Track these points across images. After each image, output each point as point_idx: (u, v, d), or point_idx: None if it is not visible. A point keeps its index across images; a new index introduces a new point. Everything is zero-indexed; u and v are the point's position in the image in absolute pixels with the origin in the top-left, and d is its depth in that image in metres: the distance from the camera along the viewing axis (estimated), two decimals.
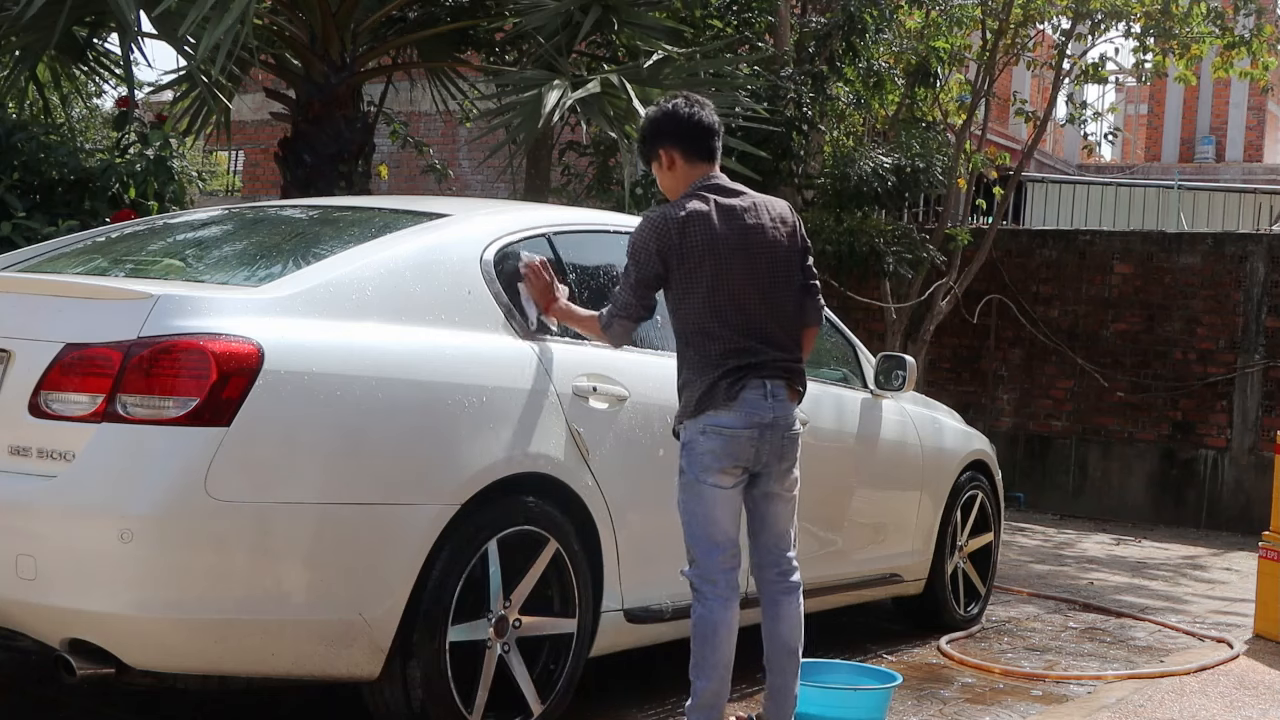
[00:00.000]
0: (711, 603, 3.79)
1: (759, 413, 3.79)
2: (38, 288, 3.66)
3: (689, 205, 3.84)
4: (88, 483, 3.23)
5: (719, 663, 3.77)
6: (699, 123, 3.92)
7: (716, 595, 3.79)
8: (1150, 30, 11.99)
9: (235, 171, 20.84)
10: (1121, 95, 22.08)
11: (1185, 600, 7.64)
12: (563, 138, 10.67)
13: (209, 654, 3.33)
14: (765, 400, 3.80)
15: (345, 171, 7.59)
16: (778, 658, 3.92)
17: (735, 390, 3.78)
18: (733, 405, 3.78)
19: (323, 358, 3.46)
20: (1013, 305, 12.10)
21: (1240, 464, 11.28)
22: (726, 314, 3.81)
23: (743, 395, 3.78)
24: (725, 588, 3.80)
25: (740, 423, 3.78)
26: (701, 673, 3.78)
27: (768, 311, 3.86)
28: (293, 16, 7.65)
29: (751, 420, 3.78)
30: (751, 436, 3.79)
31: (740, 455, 3.80)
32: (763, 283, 3.86)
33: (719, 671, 3.78)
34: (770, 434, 3.82)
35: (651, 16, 7.72)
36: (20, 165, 6.28)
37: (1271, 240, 11.44)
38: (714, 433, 3.78)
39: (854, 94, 10.72)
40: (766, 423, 3.80)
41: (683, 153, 3.92)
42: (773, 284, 3.89)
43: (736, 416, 3.78)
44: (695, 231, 3.80)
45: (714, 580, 3.80)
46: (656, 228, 3.83)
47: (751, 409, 3.79)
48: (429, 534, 3.58)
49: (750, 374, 3.80)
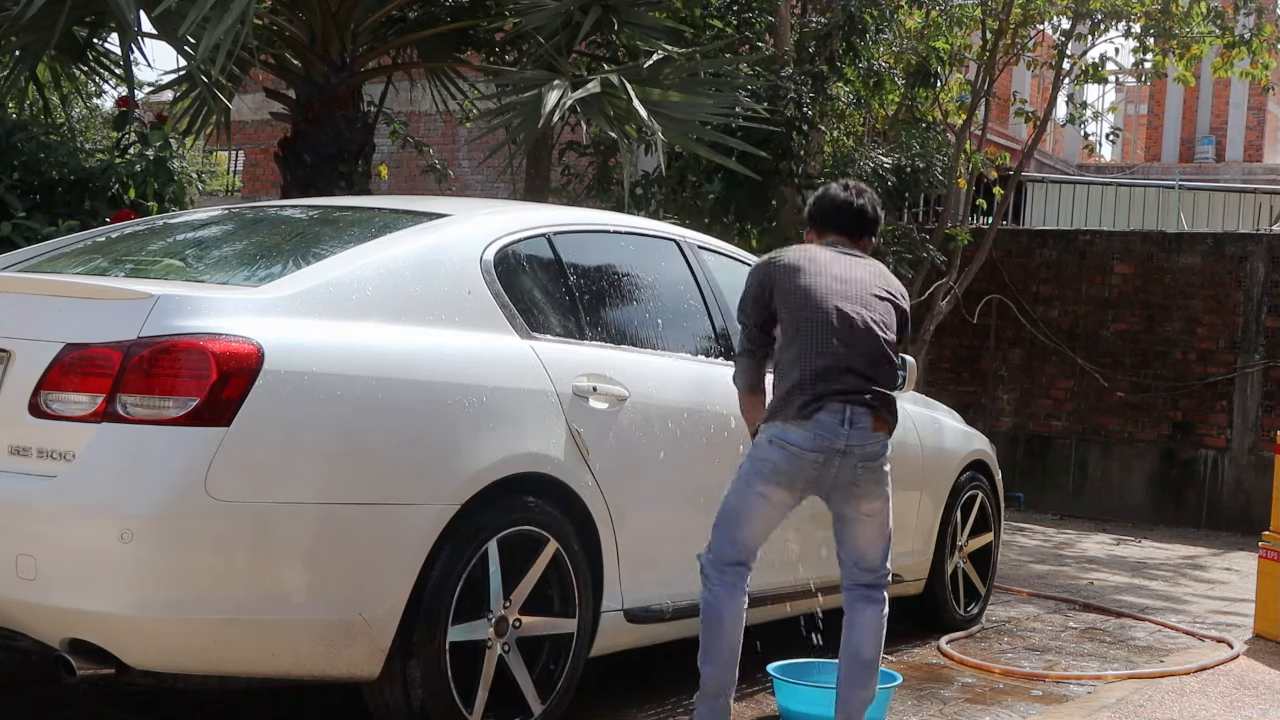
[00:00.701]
0: (718, 589, 3.86)
1: (830, 437, 3.79)
2: (38, 288, 3.66)
3: (799, 248, 4.08)
4: (88, 483, 3.23)
5: (724, 648, 3.82)
6: (859, 211, 4.21)
7: (724, 582, 3.86)
8: (1150, 30, 11.99)
9: (235, 171, 20.84)
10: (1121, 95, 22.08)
11: (1185, 600, 7.64)
12: (563, 138, 10.66)
13: (209, 654, 3.33)
14: (841, 426, 3.79)
15: (345, 171, 7.59)
16: (848, 667, 3.96)
17: (810, 410, 3.79)
18: (804, 424, 3.80)
19: (323, 358, 3.46)
20: (1013, 305, 12.11)
21: (1240, 464, 11.28)
22: (817, 344, 3.85)
23: (817, 416, 3.79)
24: (733, 575, 3.87)
25: (808, 444, 3.80)
26: (708, 658, 3.84)
27: (857, 351, 3.87)
28: (293, 16, 7.64)
29: (821, 444, 3.80)
30: (816, 460, 3.80)
31: (798, 475, 3.83)
32: (854, 325, 3.88)
33: (724, 657, 3.82)
34: (842, 461, 3.81)
35: (651, 16, 7.72)
36: (20, 165, 6.28)
37: (1271, 240, 11.44)
38: (779, 445, 3.83)
39: (854, 94, 10.71)
40: (838, 448, 3.80)
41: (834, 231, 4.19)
42: (864, 331, 3.89)
43: (806, 436, 3.80)
44: (794, 262, 3.97)
45: (722, 569, 3.87)
46: (762, 266, 4.06)
47: (823, 432, 3.79)
48: (429, 534, 3.58)
49: (830, 397, 3.80)
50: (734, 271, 5.27)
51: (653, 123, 6.74)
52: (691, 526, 4.58)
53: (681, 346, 4.70)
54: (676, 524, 4.51)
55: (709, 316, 4.90)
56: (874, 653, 3.98)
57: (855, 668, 3.95)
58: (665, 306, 4.83)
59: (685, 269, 4.93)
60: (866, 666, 3.96)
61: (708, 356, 4.80)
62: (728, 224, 9.76)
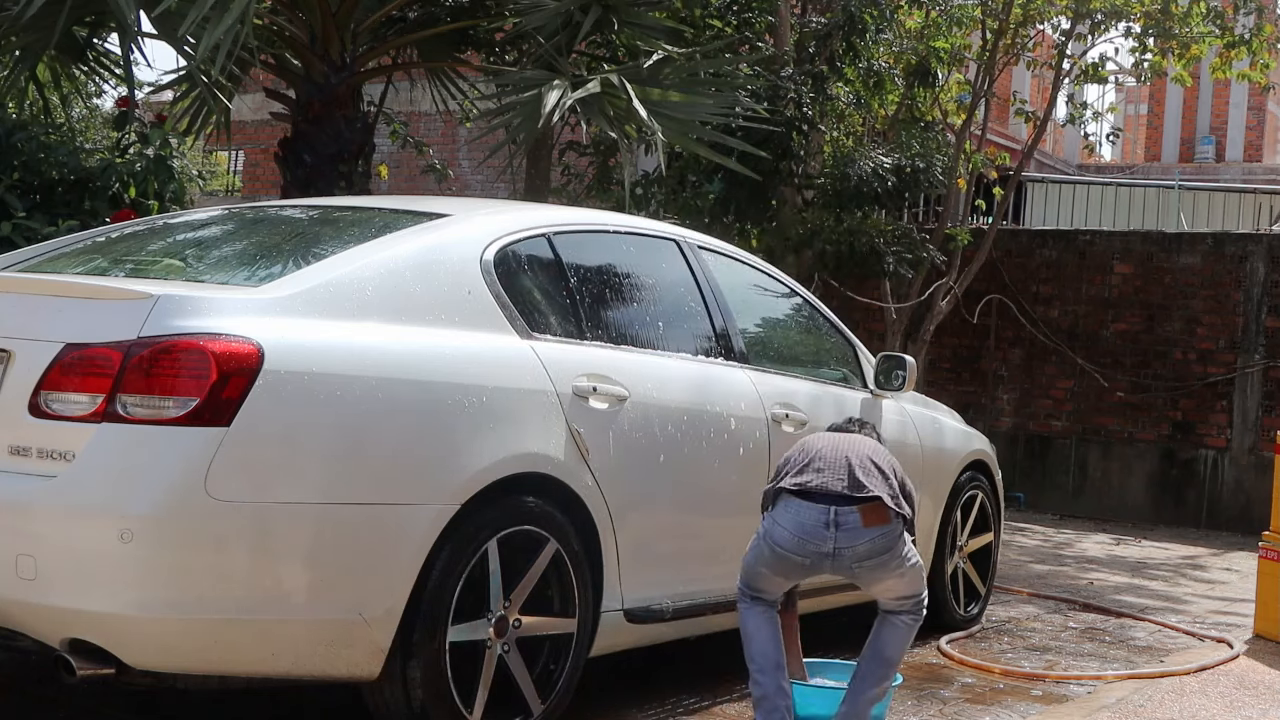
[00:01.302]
0: (743, 608, 4.07)
1: (815, 540, 3.87)
2: (38, 288, 3.65)
3: None
4: (88, 483, 3.22)
5: (757, 654, 4.00)
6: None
7: (745, 597, 4.07)
8: (1150, 30, 11.99)
9: (235, 171, 20.83)
10: (1121, 95, 22.07)
11: (1185, 600, 7.64)
12: (563, 138, 10.66)
13: (209, 654, 3.33)
14: (827, 530, 3.85)
15: (345, 171, 7.59)
16: (867, 662, 4.06)
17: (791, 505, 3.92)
18: (785, 520, 3.90)
19: (323, 358, 3.46)
20: (1013, 305, 12.11)
21: (1240, 464, 11.28)
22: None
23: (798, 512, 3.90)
24: (754, 600, 4.07)
25: (791, 546, 3.91)
26: (750, 664, 4.02)
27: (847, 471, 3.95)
28: (293, 16, 7.64)
29: (805, 547, 3.89)
30: (803, 563, 3.93)
31: (792, 570, 3.98)
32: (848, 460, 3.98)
33: (758, 663, 3.99)
34: (830, 562, 3.90)
35: (651, 16, 7.72)
36: (20, 165, 6.28)
37: (1271, 240, 11.44)
38: (767, 542, 3.97)
39: (854, 94, 10.71)
40: (825, 551, 3.87)
41: None
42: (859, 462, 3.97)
43: (788, 536, 3.90)
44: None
45: (742, 589, 4.07)
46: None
47: (805, 533, 3.88)
48: (429, 534, 3.58)
49: (813, 490, 3.90)
50: (734, 271, 5.27)
51: (653, 123, 6.74)
52: (691, 526, 4.60)
53: (682, 347, 4.70)
54: (676, 524, 4.51)
55: (709, 317, 4.90)
56: (895, 654, 4.06)
57: (875, 664, 4.04)
58: (665, 306, 4.82)
59: (685, 269, 4.93)
60: (886, 664, 4.05)
61: (708, 356, 4.80)
62: (728, 224, 9.77)
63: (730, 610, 4.67)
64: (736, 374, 4.86)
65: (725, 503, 4.65)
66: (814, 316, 5.68)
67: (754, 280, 5.43)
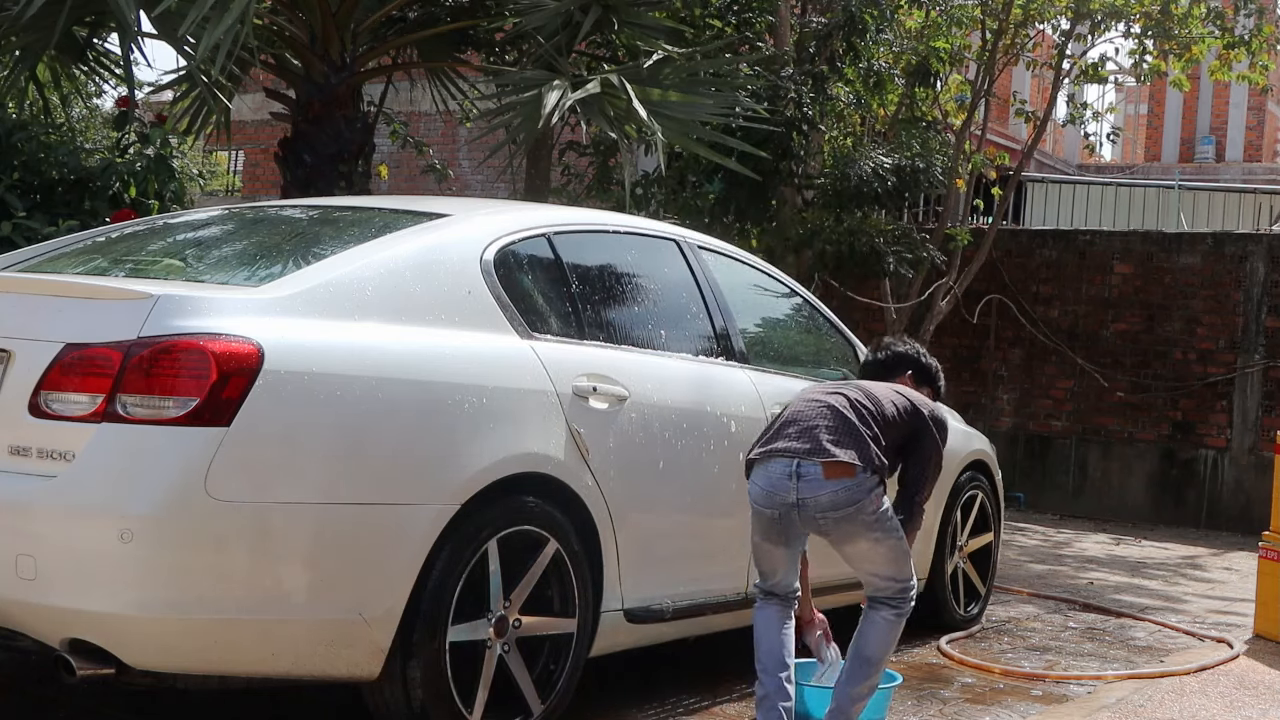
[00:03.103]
0: (756, 607, 4.09)
1: (780, 491, 3.90)
2: (38, 288, 3.65)
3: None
4: (88, 483, 3.22)
5: (763, 654, 4.00)
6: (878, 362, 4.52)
7: (759, 596, 4.09)
8: (1150, 31, 11.99)
9: (235, 171, 20.83)
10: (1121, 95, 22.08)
11: (1185, 600, 7.64)
12: (563, 138, 10.66)
13: (209, 654, 3.33)
14: (789, 481, 3.88)
15: (345, 171, 7.59)
16: (851, 660, 4.07)
17: (756, 459, 3.98)
18: (757, 478, 3.96)
19: (323, 358, 3.46)
20: (1013, 305, 12.10)
21: (1240, 464, 11.28)
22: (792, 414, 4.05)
23: (765, 465, 3.94)
24: (768, 597, 4.08)
25: (760, 500, 3.96)
26: (757, 666, 4.02)
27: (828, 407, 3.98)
28: (293, 16, 7.64)
29: (772, 499, 3.93)
30: (772, 516, 3.95)
31: (770, 528, 3.99)
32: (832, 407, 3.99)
33: (763, 663, 4.00)
34: (798, 513, 3.91)
35: (651, 16, 7.71)
36: (20, 165, 6.28)
37: (1271, 240, 11.44)
38: (750, 505, 4.02)
39: (854, 94, 10.72)
40: (790, 502, 3.90)
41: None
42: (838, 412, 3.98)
43: (758, 490, 3.96)
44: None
45: (758, 588, 4.10)
46: None
47: (771, 485, 3.92)
48: (429, 534, 3.58)
49: (777, 444, 3.95)
50: (734, 271, 5.27)
51: (653, 123, 6.74)
52: (692, 526, 4.59)
53: (682, 347, 4.70)
54: (677, 524, 4.51)
55: (709, 317, 4.90)
56: (876, 652, 4.02)
57: (856, 662, 4.03)
58: (665, 306, 4.82)
59: (685, 269, 4.93)
60: (866, 663, 4.01)
61: (708, 357, 4.80)
62: (728, 224, 9.77)
63: (730, 610, 4.69)
64: (736, 374, 4.86)
65: (725, 502, 4.64)
66: (814, 316, 5.68)
67: (754, 280, 5.43)
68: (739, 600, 4.67)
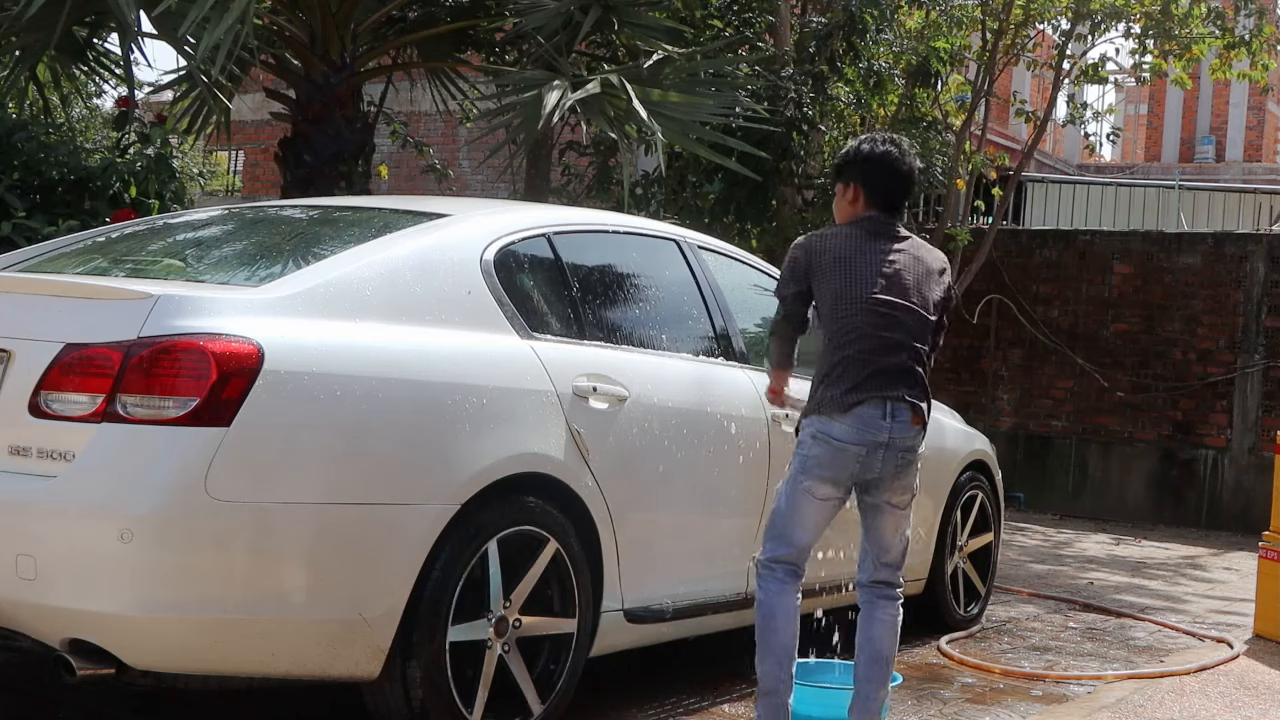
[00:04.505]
0: (769, 585, 3.91)
1: (873, 430, 3.84)
2: (38, 288, 3.66)
3: (837, 230, 4.02)
4: (88, 483, 3.23)
5: (776, 645, 3.87)
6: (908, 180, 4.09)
7: (774, 579, 3.92)
8: (1150, 31, 11.99)
9: (235, 171, 20.84)
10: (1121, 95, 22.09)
11: (1185, 600, 7.64)
12: (563, 138, 10.66)
13: (209, 654, 3.33)
14: (883, 420, 3.85)
15: (345, 171, 7.59)
16: (866, 665, 3.98)
17: (850, 404, 3.83)
18: (846, 418, 3.83)
19: (323, 358, 3.46)
20: (1013, 305, 12.10)
21: (1240, 464, 11.28)
22: (853, 335, 3.87)
23: (858, 410, 3.83)
24: (784, 574, 3.92)
25: (851, 437, 3.84)
26: (763, 656, 3.89)
27: (896, 341, 3.90)
28: (293, 16, 7.65)
29: (864, 437, 3.84)
30: (860, 453, 3.85)
31: (844, 468, 3.87)
32: (892, 311, 3.90)
33: (776, 655, 3.87)
34: (885, 453, 3.86)
35: (651, 16, 7.72)
36: (20, 165, 6.28)
37: (1271, 240, 11.43)
38: (823, 440, 3.86)
39: (854, 94, 10.72)
40: (881, 441, 3.85)
41: (868, 195, 4.03)
42: (897, 315, 3.91)
43: (848, 430, 3.84)
44: (831, 249, 3.93)
45: (772, 567, 3.92)
46: (802, 245, 4.01)
47: (865, 425, 3.84)
48: (429, 534, 3.58)
49: (873, 391, 3.85)
50: (734, 271, 5.27)
51: (653, 123, 6.74)
52: (692, 526, 4.59)
53: (681, 346, 4.70)
54: (677, 524, 4.51)
55: (709, 316, 4.90)
56: (892, 651, 4.02)
57: (876, 666, 3.97)
58: (665, 306, 4.83)
59: (685, 269, 4.93)
60: (886, 664, 4.00)
61: (708, 356, 4.80)
62: (728, 224, 9.77)
63: (730, 610, 4.68)
64: (736, 374, 4.86)
65: (725, 503, 4.65)
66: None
67: (754, 280, 5.43)
68: (739, 600, 4.67)
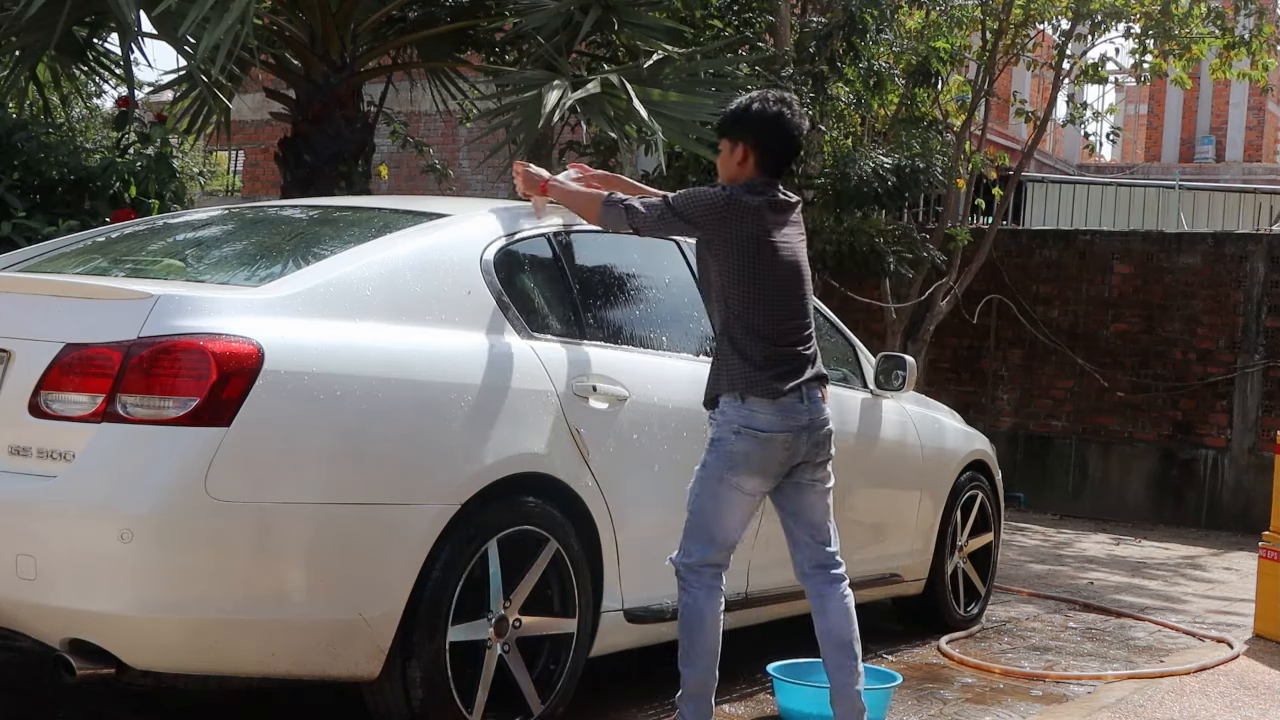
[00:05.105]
0: (696, 591, 3.86)
1: (794, 415, 3.86)
2: (38, 288, 3.66)
3: (755, 197, 3.89)
4: (88, 483, 3.23)
5: (704, 650, 3.84)
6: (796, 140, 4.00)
7: (701, 584, 3.87)
8: (1150, 31, 11.99)
9: (235, 171, 20.83)
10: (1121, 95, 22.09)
11: (1185, 600, 7.64)
12: (563, 138, 10.66)
13: (209, 654, 3.33)
14: (801, 403, 3.88)
15: (345, 171, 7.59)
16: (832, 654, 3.93)
17: (777, 392, 3.85)
18: (771, 407, 3.85)
19: (323, 358, 3.46)
20: (1013, 305, 12.10)
21: (1240, 464, 11.28)
22: (771, 318, 3.89)
23: (781, 400, 3.85)
24: (710, 578, 3.88)
25: (776, 426, 3.85)
26: (688, 661, 3.85)
27: (802, 321, 3.97)
28: (293, 16, 7.65)
29: (787, 424, 3.86)
30: (786, 439, 3.86)
31: (771, 458, 3.86)
32: (800, 290, 3.98)
33: (704, 660, 3.84)
34: (806, 435, 3.90)
35: (651, 16, 7.71)
36: (20, 165, 6.28)
37: (1271, 240, 11.44)
38: (748, 435, 3.84)
39: (854, 94, 10.72)
40: (802, 425, 3.88)
41: (759, 158, 3.95)
42: (805, 293, 4.00)
43: (773, 419, 3.85)
44: (750, 230, 3.87)
45: (699, 571, 3.87)
46: (723, 197, 3.87)
47: (786, 413, 3.85)
48: (429, 534, 3.58)
49: (793, 379, 3.88)
50: None
51: (653, 123, 6.74)
52: None
53: (681, 346, 4.70)
54: (676, 524, 4.49)
55: (709, 316, 4.89)
56: (852, 633, 3.94)
57: (842, 654, 3.92)
58: (665, 306, 4.83)
59: (685, 269, 4.92)
60: (849, 648, 3.91)
61: (708, 357, 4.79)
62: None
63: (729, 610, 4.67)
64: None
65: None
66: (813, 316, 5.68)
67: None
68: (739, 600, 4.67)
